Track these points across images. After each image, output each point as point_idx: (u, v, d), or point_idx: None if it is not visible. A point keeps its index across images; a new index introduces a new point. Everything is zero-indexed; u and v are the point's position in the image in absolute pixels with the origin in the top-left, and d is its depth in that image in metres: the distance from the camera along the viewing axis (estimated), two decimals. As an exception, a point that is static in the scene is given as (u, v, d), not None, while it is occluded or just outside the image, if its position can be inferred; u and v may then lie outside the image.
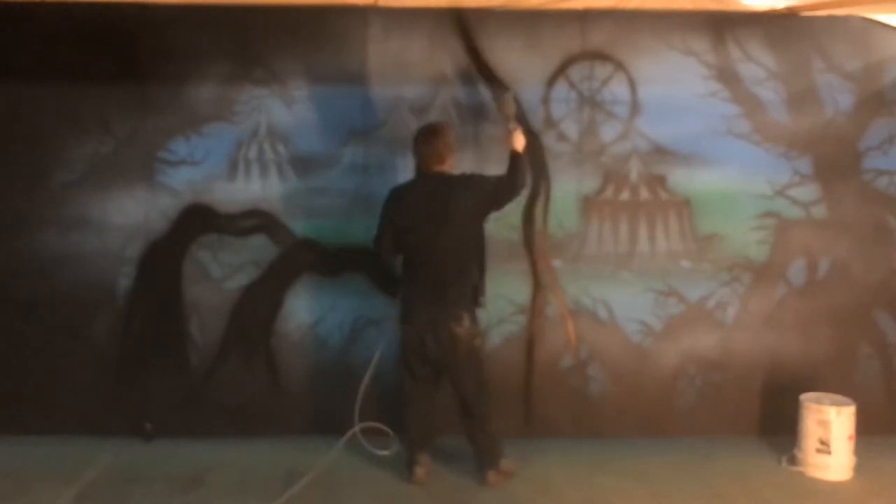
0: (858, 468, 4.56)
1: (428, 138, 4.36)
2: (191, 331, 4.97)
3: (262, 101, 4.90)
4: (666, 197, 5.01)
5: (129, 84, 4.85)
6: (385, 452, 4.64)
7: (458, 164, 4.48)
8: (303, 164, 4.93)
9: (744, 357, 4.96)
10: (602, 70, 4.96)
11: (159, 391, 4.95)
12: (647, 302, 5.03)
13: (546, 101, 4.96)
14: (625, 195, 5.01)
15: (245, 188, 4.93)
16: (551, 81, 4.96)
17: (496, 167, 4.46)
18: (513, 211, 4.92)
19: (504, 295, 4.96)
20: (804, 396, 4.65)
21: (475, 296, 4.35)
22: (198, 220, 4.93)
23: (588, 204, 5.00)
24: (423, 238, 4.28)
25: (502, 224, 4.90)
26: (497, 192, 4.31)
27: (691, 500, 4.25)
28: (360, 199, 4.93)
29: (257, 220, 4.95)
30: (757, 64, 4.99)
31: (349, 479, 4.46)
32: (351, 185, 4.94)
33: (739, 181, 4.99)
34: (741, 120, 4.99)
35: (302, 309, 4.99)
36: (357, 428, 4.65)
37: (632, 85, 4.97)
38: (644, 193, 5.02)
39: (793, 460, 4.63)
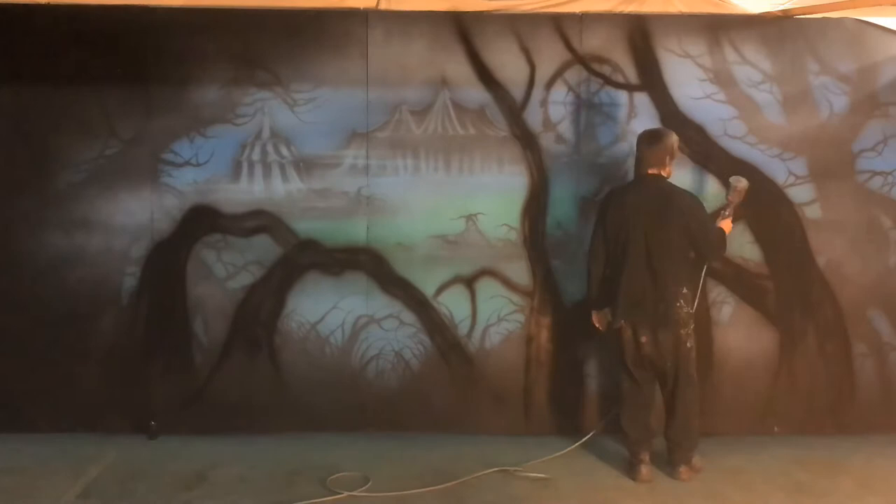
0: (854, 465, 4.61)
1: (651, 141, 4.48)
2: (195, 330, 5.02)
3: (265, 103, 4.96)
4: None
5: (134, 87, 4.91)
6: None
7: (463, 164, 4.51)
8: (305, 166, 5.00)
9: (739, 355, 4.99)
10: (599, 73, 5.03)
11: (164, 389, 5.01)
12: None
13: (544, 103, 5.03)
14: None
15: (248, 189, 4.99)
16: (549, 84, 5.03)
17: (496, 167, 4.48)
18: (511, 211, 5.02)
19: (503, 294, 5.05)
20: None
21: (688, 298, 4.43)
22: (202, 221, 4.99)
23: (586, 205, 5.06)
24: (637, 234, 4.37)
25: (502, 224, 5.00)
26: (699, 241, 4.41)
27: (688, 499, 4.29)
28: (362, 200, 5.00)
29: (260, 221, 5.01)
30: (752, 66, 5.05)
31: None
32: (352, 187, 5.01)
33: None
34: (737, 122, 5.06)
35: (304, 308, 5.05)
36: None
37: (629, 88, 5.04)
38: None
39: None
